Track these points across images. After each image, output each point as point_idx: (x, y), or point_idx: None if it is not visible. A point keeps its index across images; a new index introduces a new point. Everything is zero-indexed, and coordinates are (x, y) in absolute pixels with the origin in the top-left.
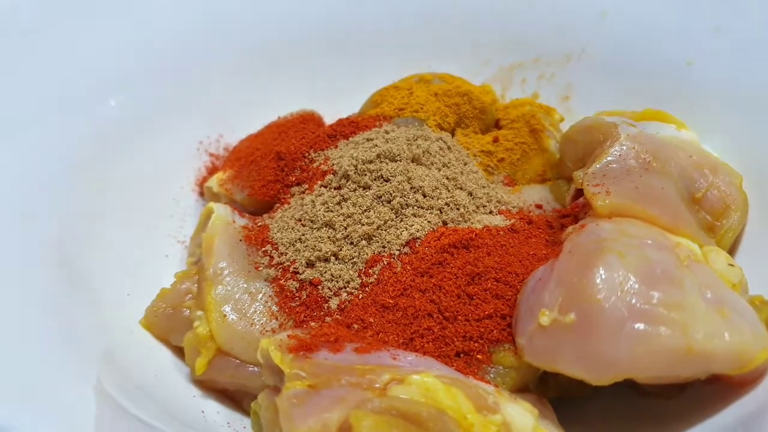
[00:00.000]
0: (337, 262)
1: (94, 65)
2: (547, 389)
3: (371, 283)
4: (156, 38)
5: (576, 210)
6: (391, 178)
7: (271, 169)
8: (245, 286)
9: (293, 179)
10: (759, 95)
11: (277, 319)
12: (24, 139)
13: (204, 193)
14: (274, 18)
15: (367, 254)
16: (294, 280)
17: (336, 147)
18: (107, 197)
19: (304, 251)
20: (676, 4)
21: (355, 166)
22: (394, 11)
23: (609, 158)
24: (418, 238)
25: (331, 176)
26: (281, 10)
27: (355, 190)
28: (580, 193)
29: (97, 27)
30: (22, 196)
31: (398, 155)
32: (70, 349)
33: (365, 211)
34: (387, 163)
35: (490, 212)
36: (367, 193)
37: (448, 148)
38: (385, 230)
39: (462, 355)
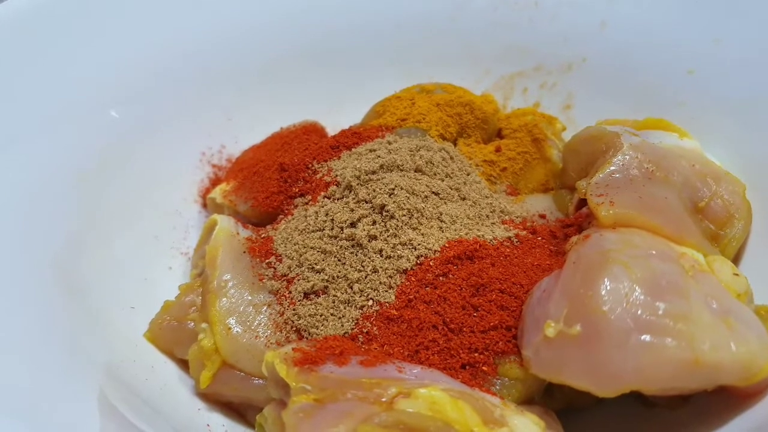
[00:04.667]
0: (341, 274)
1: (96, 76)
2: (553, 401)
3: (376, 294)
4: (158, 49)
5: (580, 220)
6: (394, 188)
7: (274, 181)
8: (249, 298)
9: (296, 190)
10: (761, 103)
11: (281, 331)
12: (25, 151)
13: (207, 204)
14: (277, 29)
15: (371, 265)
16: (298, 291)
17: (339, 158)
18: (110, 209)
19: (307, 262)
20: (676, 15)
21: (358, 177)
22: (396, 22)
23: (612, 168)
24: (422, 249)
25: (334, 187)
26: (283, 21)
27: (358, 201)
28: (583, 202)
29: (99, 38)
30: (24, 207)
31: (401, 166)
32: (74, 362)
33: (369, 222)
34: (390, 174)
35: (494, 222)
36: (370, 204)
37: (451, 158)
38: (389, 241)
39: (467, 367)
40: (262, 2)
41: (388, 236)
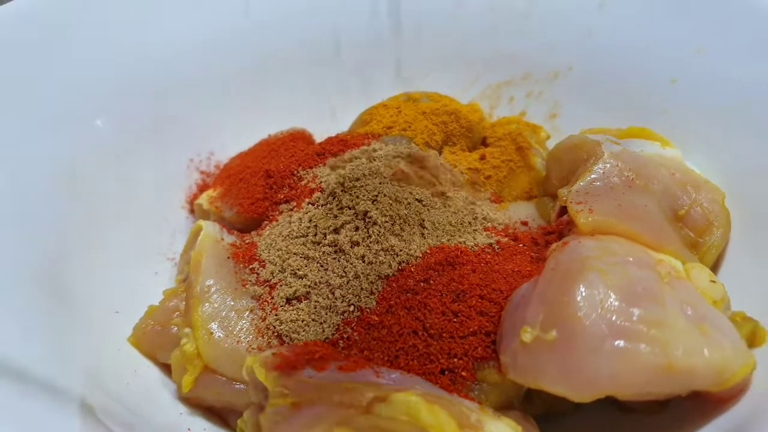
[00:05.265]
0: (323, 279)
1: (85, 82)
2: (532, 406)
3: (357, 300)
4: (146, 56)
5: (561, 227)
6: (377, 195)
7: (260, 187)
8: (232, 303)
9: (282, 197)
10: (741, 113)
11: (263, 337)
12: (11, 158)
13: (194, 210)
14: (265, 36)
15: (353, 271)
16: (280, 297)
17: (324, 165)
18: (97, 214)
19: (290, 268)
20: (660, 25)
21: (342, 184)
22: (384, 31)
23: (592, 176)
24: (404, 255)
25: (318, 194)
26: (272, 28)
27: (341, 207)
28: (565, 210)
29: (88, 45)
30: (10, 213)
31: (385, 173)
32: (56, 366)
33: (352, 228)
34: (374, 181)
35: (476, 229)
36: (353, 210)
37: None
38: (372, 247)
39: (447, 372)
40: (251, 9)
41: (370, 242)
